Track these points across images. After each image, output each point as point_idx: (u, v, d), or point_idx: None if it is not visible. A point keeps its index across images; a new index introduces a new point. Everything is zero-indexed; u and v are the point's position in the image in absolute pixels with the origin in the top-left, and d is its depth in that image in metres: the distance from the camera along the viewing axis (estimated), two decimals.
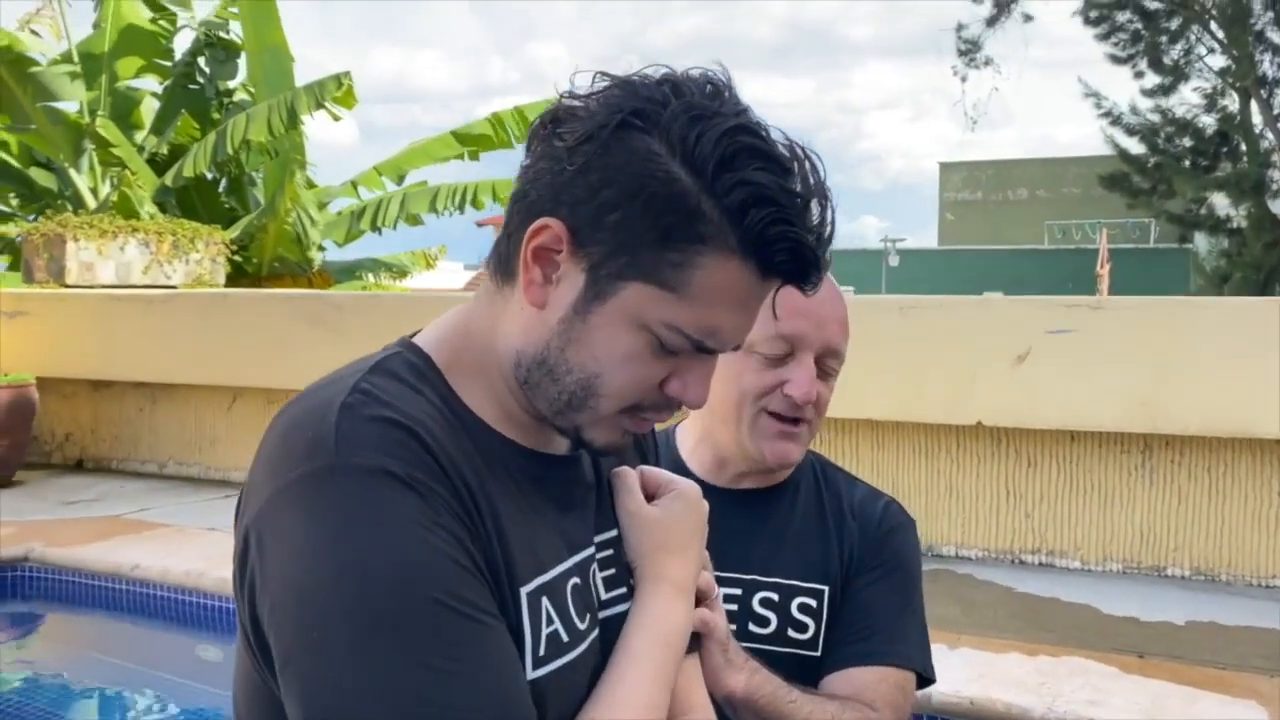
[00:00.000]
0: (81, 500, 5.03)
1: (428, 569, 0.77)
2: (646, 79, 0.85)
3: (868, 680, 1.27)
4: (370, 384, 0.83)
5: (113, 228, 6.67)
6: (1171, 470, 3.77)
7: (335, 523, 0.76)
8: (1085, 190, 28.65)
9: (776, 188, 0.81)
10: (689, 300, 0.83)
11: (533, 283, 0.86)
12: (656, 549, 1.00)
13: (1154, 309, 3.79)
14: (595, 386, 0.86)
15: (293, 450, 0.80)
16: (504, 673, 0.79)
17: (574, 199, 0.83)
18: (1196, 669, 2.92)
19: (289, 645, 0.77)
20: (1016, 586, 3.73)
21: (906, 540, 1.40)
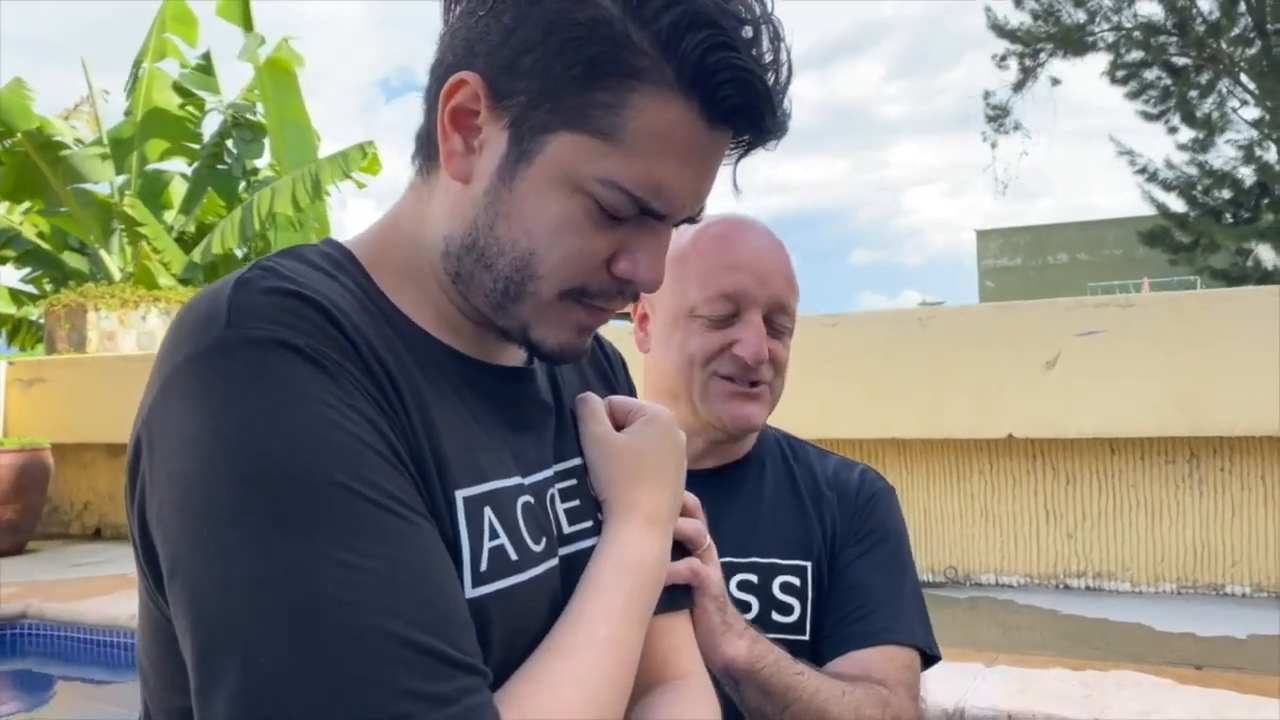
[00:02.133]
0: (91, 563, 4.94)
1: (333, 450, 0.64)
2: None
3: (875, 660, 1.15)
4: (274, 262, 0.72)
5: (134, 297, 6.69)
6: (1222, 478, 3.52)
7: (225, 402, 0.63)
8: (1126, 251, 28.34)
9: (714, 7, 0.69)
10: (626, 149, 0.71)
11: (453, 153, 0.74)
12: (626, 477, 0.86)
13: (1187, 303, 3.57)
14: (531, 266, 0.74)
15: (182, 332, 0.68)
16: (437, 574, 0.66)
17: (489, 47, 0.72)
18: (1262, 678, 2.65)
19: (175, 549, 0.64)
20: (1061, 609, 3.47)
21: (890, 507, 1.28)
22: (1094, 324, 3.49)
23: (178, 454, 0.64)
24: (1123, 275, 28.83)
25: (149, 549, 0.67)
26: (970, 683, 2.62)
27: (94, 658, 3.79)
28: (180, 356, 0.66)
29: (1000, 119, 21.95)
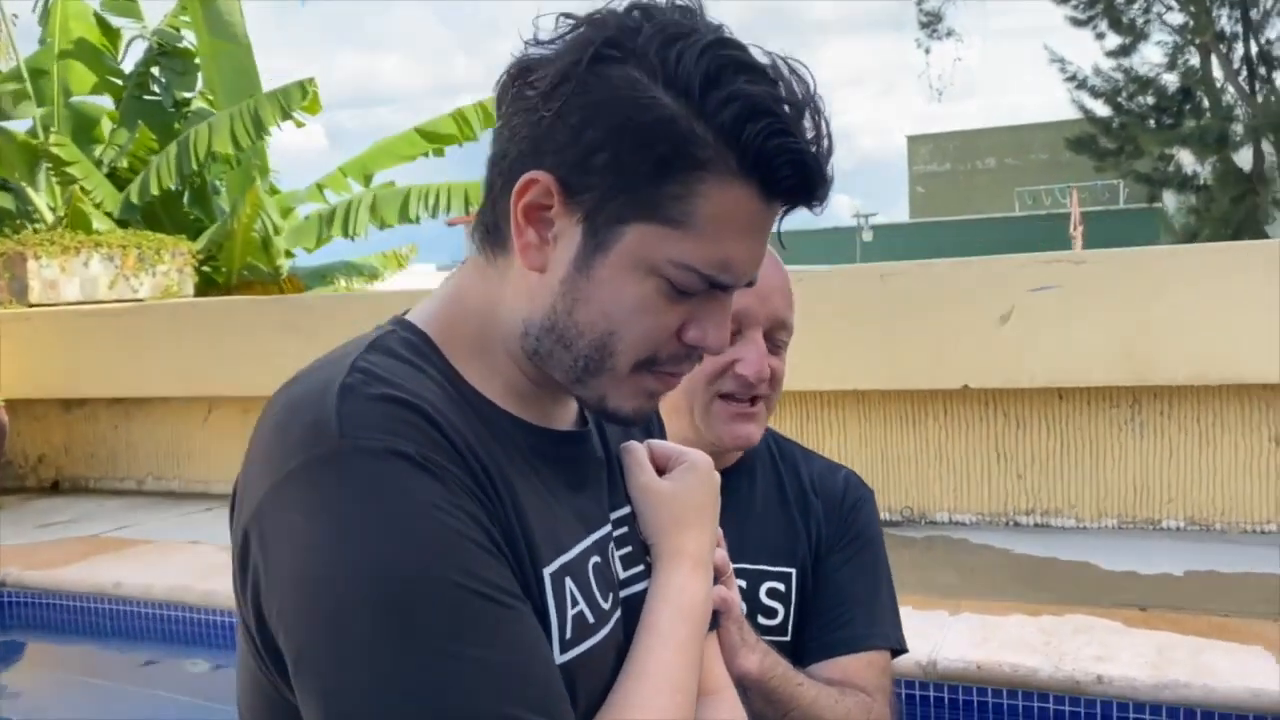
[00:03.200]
0: (58, 522, 4.93)
1: (446, 552, 0.71)
2: (612, 9, 0.79)
3: (855, 667, 1.27)
4: (369, 362, 0.77)
5: (75, 243, 6.53)
6: (1161, 422, 3.75)
7: (345, 510, 0.71)
8: (1053, 155, 28.76)
9: (769, 98, 0.76)
10: (696, 233, 0.77)
11: (529, 245, 0.80)
12: (672, 524, 0.95)
13: (1135, 260, 3.75)
14: (609, 345, 0.80)
15: (291, 437, 0.74)
16: (535, 656, 0.74)
17: (557, 146, 0.77)
18: (1201, 618, 2.90)
19: (302, 644, 0.71)
20: (1013, 549, 3.70)
21: (870, 514, 1.38)
22: (1047, 279, 3.65)
23: (299, 558, 0.71)
24: (1049, 180, 29.38)
25: (265, 635, 0.75)
26: (939, 633, 2.82)
27: (77, 626, 3.83)
28: (294, 462, 0.72)
29: (934, 24, 21.98)
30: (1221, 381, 3.58)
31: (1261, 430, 3.64)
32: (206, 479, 5.50)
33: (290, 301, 5.11)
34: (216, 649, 3.60)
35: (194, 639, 3.63)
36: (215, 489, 5.45)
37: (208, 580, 3.73)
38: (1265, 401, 3.62)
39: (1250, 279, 3.51)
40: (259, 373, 5.13)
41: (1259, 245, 3.82)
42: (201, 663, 3.62)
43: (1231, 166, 19.00)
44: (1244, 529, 3.70)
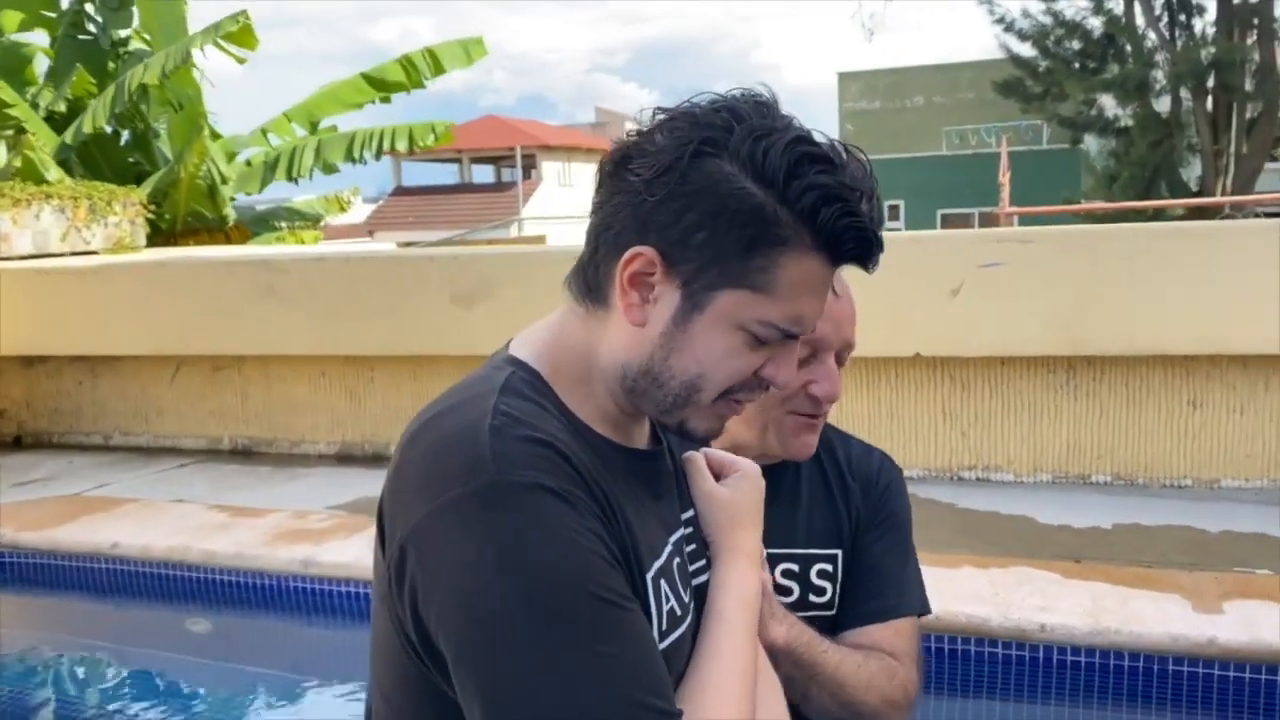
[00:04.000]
0: (34, 480, 5.01)
1: (585, 568, 0.88)
2: (704, 109, 0.95)
3: (885, 634, 1.41)
4: (507, 405, 0.93)
5: (25, 195, 6.47)
6: (1094, 387, 4.10)
7: (501, 533, 0.86)
8: (980, 95, 29.16)
9: (839, 186, 0.92)
10: (776, 296, 0.94)
11: (631, 305, 0.96)
12: (731, 524, 1.14)
13: (1076, 240, 4.07)
14: (699, 385, 0.98)
15: (448, 470, 0.89)
16: (650, 649, 0.91)
17: (660, 225, 0.94)
18: (1127, 569, 3.25)
19: (462, 645, 0.87)
20: (958, 503, 4.04)
21: (901, 492, 1.54)
22: (995, 256, 3.95)
23: (463, 572, 0.86)
24: (975, 119, 29.86)
25: (419, 629, 0.90)
26: None
27: (76, 586, 3.95)
28: (454, 492, 0.88)
29: None
30: (1148, 352, 3.93)
31: (1181, 395, 4.02)
32: (175, 434, 5.60)
33: (266, 264, 5.19)
34: (216, 607, 3.77)
35: (194, 597, 3.79)
36: (184, 444, 5.57)
37: (206, 540, 3.88)
38: (1185, 369, 3.98)
39: (1178, 260, 3.84)
40: (229, 332, 5.25)
41: (1187, 227, 4.17)
42: (202, 621, 3.79)
43: (1151, 112, 19.58)
44: (1164, 484, 4.09)
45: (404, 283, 4.95)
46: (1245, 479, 4.00)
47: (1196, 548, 3.45)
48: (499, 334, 4.26)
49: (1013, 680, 2.88)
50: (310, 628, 3.70)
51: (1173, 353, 3.91)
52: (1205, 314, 3.82)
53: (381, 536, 0.97)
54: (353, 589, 3.56)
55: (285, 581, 3.66)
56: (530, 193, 32.44)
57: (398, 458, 0.97)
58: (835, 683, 1.31)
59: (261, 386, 5.39)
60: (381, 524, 0.97)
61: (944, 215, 27.26)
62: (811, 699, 1.30)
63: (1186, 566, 3.25)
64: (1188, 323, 3.82)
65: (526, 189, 32.04)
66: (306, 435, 5.31)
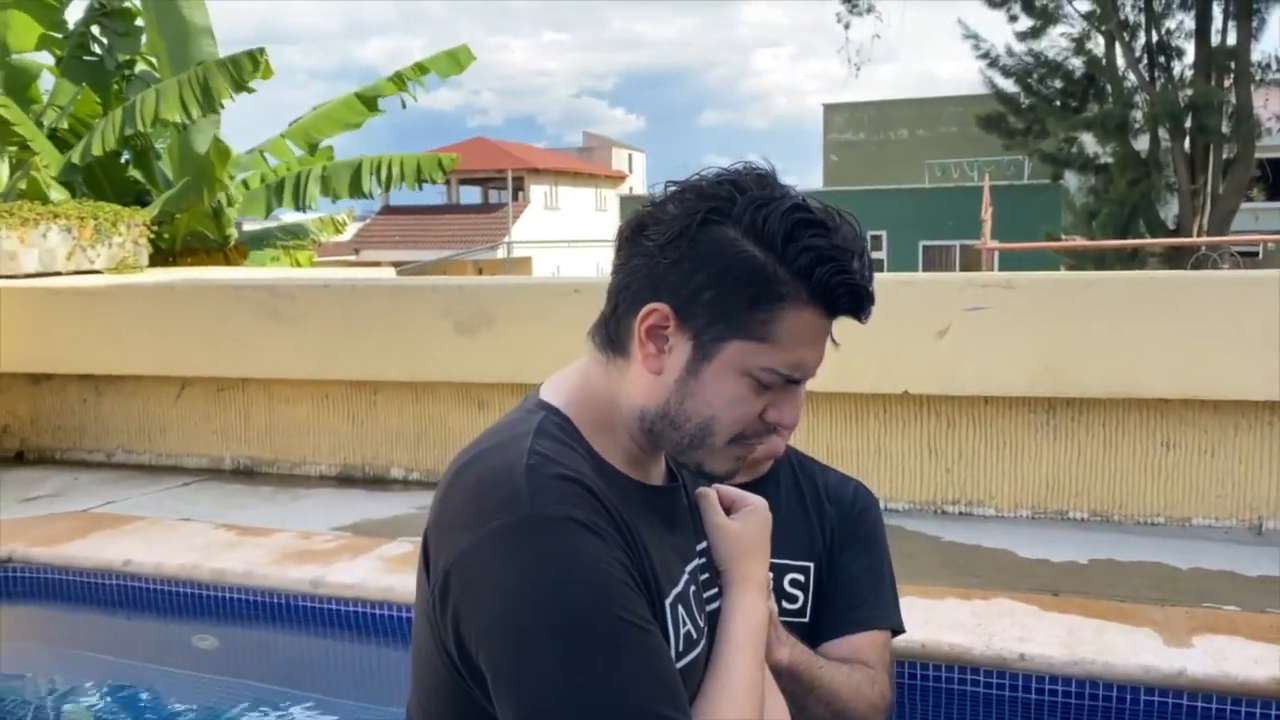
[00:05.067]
0: (41, 496, 5.11)
1: (612, 593, 0.98)
2: (709, 181, 1.09)
3: (861, 644, 1.57)
4: (542, 447, 1.05)
5: (33, 215, 6.58)
6: (1072, 427, 4.28)
7: (536, 561, 0.97)
8: (962, 129, 29.59)
9: (831, 247, 1.05)
10: (778, 345, 1.07)
11: (649, 355, 1.09)
12: (741, 556, 1.26)
13: (1058, 286, 4.27)
14: (711, 427, 1.10)
15: (488, 504, 1.01)
16: (668, 666, 1.02)
17: (673, 285, 1.07)
18: (1102, 602, 3.40)
19: (500, 662, 0.97)
20: (943, 536, 4.20)
21: (876, 518, 1.70)
22: (980, 300, 4.14)
23: (501, 595, 0.97)
24: (958, 153, 30.28)
25: (461, 647, 1.01)
26: None
27: (87, 603, 4.04)
28: (494, 524, 0.99)
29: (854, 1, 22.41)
30: (1125, 395, 4.12)
31: (1155, 436, 4.20)
32: (179, 453, 5.71)
33: (272, 289, 5.32)
34: (225, 625, 3.88)
35: (204, 614, 3.90)
36: (188, 464, 5.68)
37: (215, 559, 4.00)
38: (1160, 412, 4.17)
39: (1155, 305, 4.05)
40: (234, 355, 5.38)
41: (1164, 277, 4.37)
42: (210, 638, 3.90)
43: (1130, 151, 19.94)
44: (1137, 520, 4.27)
45: (407, 310, 5.10)
46: (1215, 518, 4.18)
47: (1168, 583, 3.63)
48: (498, 362, 4.57)
49: (994, 708, 3.04)
50: (318, 646, 3.82)
51: (1148, 396, 4.10)
52: (1180, 359, 4.02)
53: (425, 562, 1.09)
54: (360, 609, 3.68)
55: (294, 600, 3.78)
56: (518, 214, 32.62)
57: (442, 492, 1.11)
58: (830, 695, 1.47)
59: (264, 408, 5.51)
60: (426, 551, 1.10)
61: (925, 246, 27.57)
62: (808, 710, 1.44)
63: (1158, 601, 3.42)
64: (1163, 367, 4.01)
65: (514, 211, 32.20)
66: (308, 457, 5.44)
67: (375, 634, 3.66)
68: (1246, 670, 2.88)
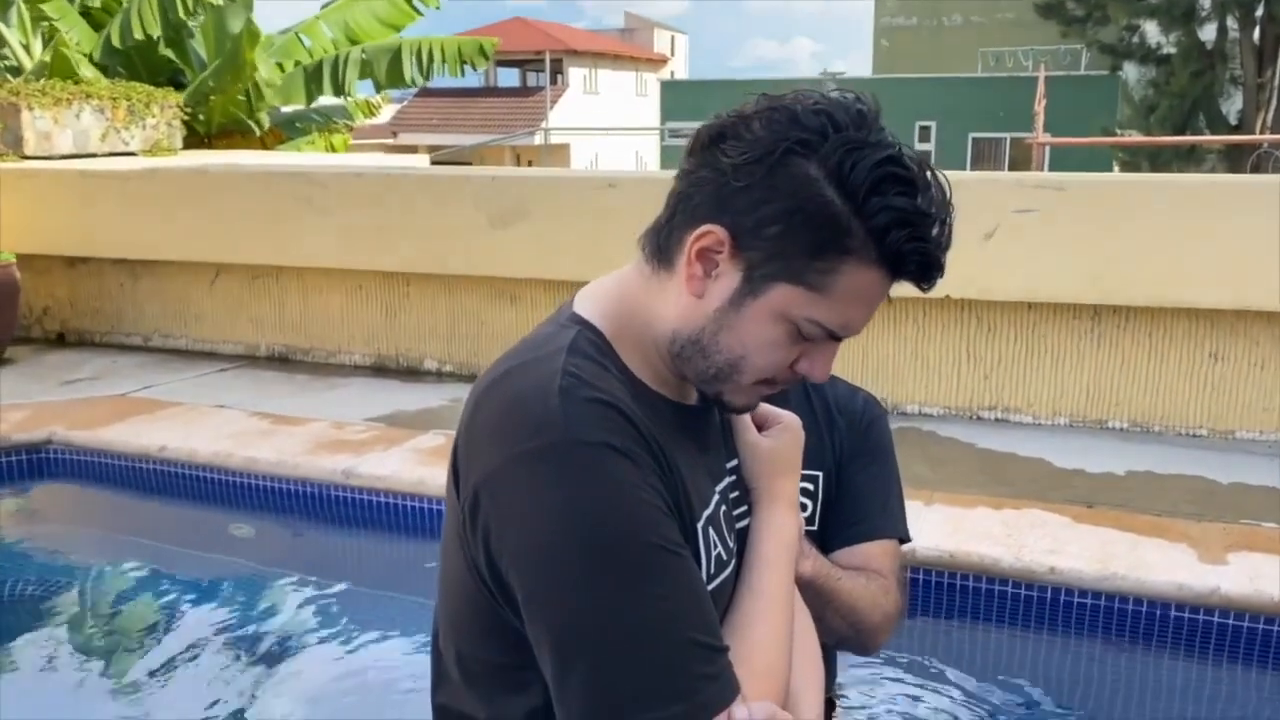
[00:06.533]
0: (80, 379, 5.18)
1: (645, 519, 0.97)
2: (805, 108, 1.00)
3: (872, 552, 1.55)
4: (575, 366, 1.01)
5: (66, 95, 6.52)
6: (1117, 335, 4.17)
7: (571, 486, 0.95)
8: (1019, 15, 28.48)
9: (914, 211, 0.98)
10: (830, 300, 1.00)
11: (694, 276, 1.03)
12: (773, 473, 1.25)
13: (1111, 189, 4.10)
14: (740, 365, 1.05)
15: (520, 425, 0.98)
16: (700, 591, 1.01)
17: (737, 210, 1.00)
18: (1138, 516, 3.36)
19: (533, 584, 0.96)
20: (978, 442, 4.15)
21: (884, 429, 1.67)
22: (1030, 202, 3.99)
23: (534, 518, 0.96)
24: (1013, 40, 29.22)
25: (492, 567, 1.00)
26: (916, 524, 3.24)
27: (124, 486, 4.12)
28: (527, 445, 0.96)
29: None
30: (1174, 305, 3.99)
31: (1204, 347, 4.08)
32: (214, 340, 5.75)
33: (306, 176, 5.25)
34: (257, 512, 3.94)
35: (238, 503, 3.96)
36: (223, 350, 5.72)
37: (248, 447, 4.04)
38: (1210, 322, 4.04)
39: (1208, 212, 3.88)
40: (268, 243, 5.36)
41: (1220, 181, 4.19)
42: (246, 527, 3.97)
43: (1195, 41, 19.14)
44: (1179, 432, 4.18)
45: (440, 201, 5.02)
46: (1260, 431, 4.09)
47: (1206, 498, 3.56)
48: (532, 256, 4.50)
49: (1020, 617, 3.02)
50: (349, 536, 3.87)
51: (1198, 306, 3.97)
52: (1233, 269, 3.87)
53: (455, 477, 1.06)
54: (392, 500, 3.72)
55: (326, 490, 3.82)
56: (556, 99, 32.08)
57: (471, 408, 1.06)
58: (848, 606, 1.46)
59: (298, 296, 5.51)
60: (455, 466, 1.06)
61: (975, 139, 26.86)
62: (825, 621, 1.42)
63: (1195, 516, 3.36)
64: (1215, 277, 3.87)
65: (552, 95, 31.65)
66: (343, 346, 5.45)
67: (407, 526, 3.70)
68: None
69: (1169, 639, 2.88)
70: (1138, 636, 2.90)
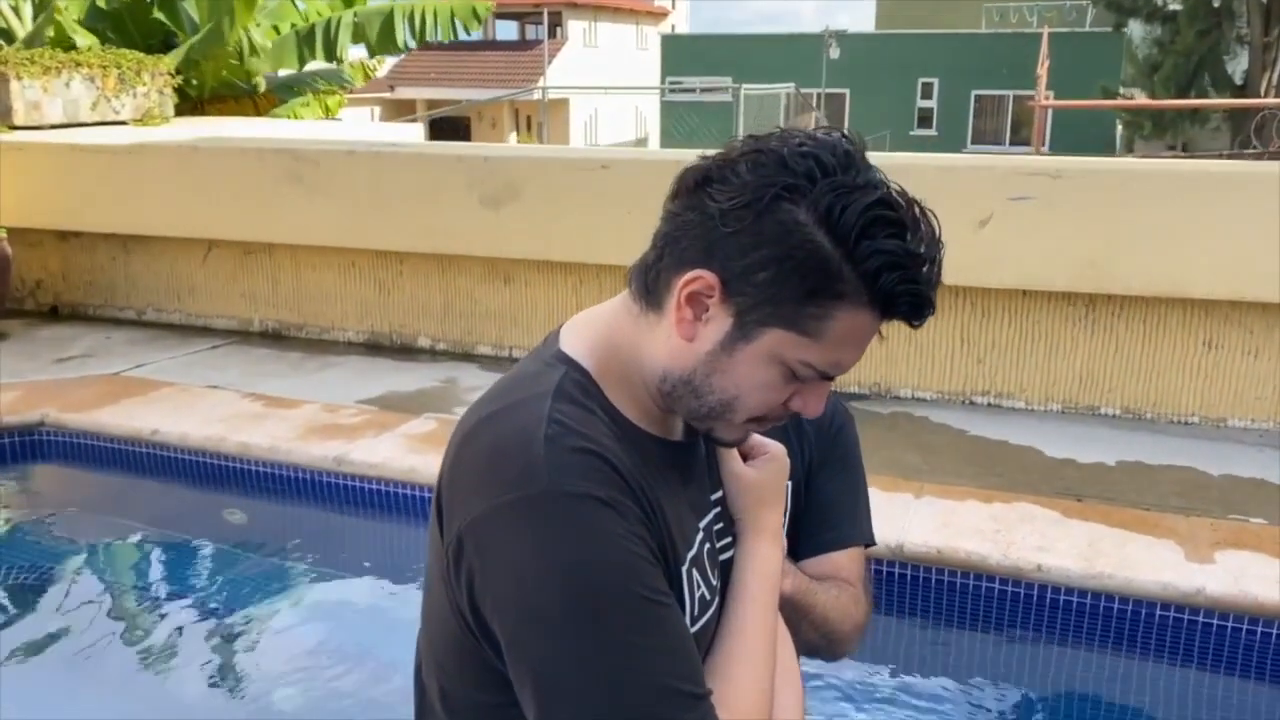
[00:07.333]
0: (74, 356, 5.16)
1: (629, 570, 0.97)
2: (791, 152, 0.99)
3: (841, 561, 1.57)
4: (560, 413, 1.01)
5: (55, 63, 6.44)
6: (1111, 322, 4.15)
7: (555, 537, 0.95)
8: None
9: (905, 253, 0.97)
10: (822, 343, 1.01)
11: (684, 320, 1.03)
12: (757, 504, 1.24)
13: (1107, 177, 4.05)
14: (734, 405, 1.06)
15: (504, 473, 0.98)
16: (684, 639, 1.01)
17: (726, 255, 0.99)
18: (1125, 511, 3.37)
19: (516, 634, 0.96)
20: (969, 429, 4.15)
21: (852, 435, 1.67)
22: (1026, 189, 3.95)
23: (517, 569, 0.95)
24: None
25: (477, 615, 1.00)
26: (905, 518, 3.28)
27: (117, 470, 4.11)
28: (511, 495, 0.96)
29: None
30: (1170, 294, 3.97)
31: (1197, 335, 4.07)
32: (207, 314, 5.73)
33: (296, 154, 5.20)
34: (249, 498, 3.94)
35: (230, 487, 3.97)
36: (216, 325, 5.70)
37: (241, 431, 4.04)
38: (1204, 310, 4.03)
39: (1204, 201, 3.85)
40: (259, 219, 5.32)
41: (1219, 170, 4.14)
42: (239, 512, 3.98)
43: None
44: (1171, 419, 4.18)
45: (431, 180, 4.98)
46: (1251, 419, 4.09)
47: (1196, 490, 3.57)
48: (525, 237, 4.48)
49: (1006, 615, 3.04)
50: (340, 524, 3.88)
51: (1193, 295, 3.95)
52: (1230, 258, 3.85)
53: (439, 518, 1.06)
54: (384, 488, 3.73)
55: (319, 477, 3.83)
56: (555, 52, 31.71)
57: (455, 450, 1.06)
58: (822, 618, 1.48)
59: (291, 273, 5.48)
60: (439, 506, 1.06)
61: (978, 96, 26.63)
62: (799, 634, 1.43)
63: (1184, 511, 3.38)
64: (1211, 266, 3.85)
65: (551, 49, 31.29)
66: (336, 322, 5.44)
67: (398, 513, 3.71)
68: (1266, 590, 2.85)
69: (1154, 638, 2.90)
70: (1122, 636, 2.92)
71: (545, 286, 4.91)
